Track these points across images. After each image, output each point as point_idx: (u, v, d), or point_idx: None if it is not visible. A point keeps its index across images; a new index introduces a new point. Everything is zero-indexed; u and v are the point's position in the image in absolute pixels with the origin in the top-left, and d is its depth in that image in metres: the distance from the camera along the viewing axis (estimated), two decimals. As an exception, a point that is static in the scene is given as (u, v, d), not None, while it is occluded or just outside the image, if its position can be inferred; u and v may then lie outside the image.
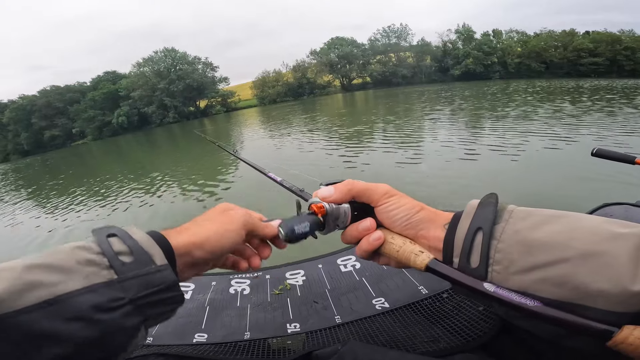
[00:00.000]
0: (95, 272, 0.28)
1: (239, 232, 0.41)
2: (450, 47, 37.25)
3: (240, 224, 0.41)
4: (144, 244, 0.32)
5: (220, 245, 0.39)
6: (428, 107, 13.15)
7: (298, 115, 18.05)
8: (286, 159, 7.14)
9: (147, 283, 0.30)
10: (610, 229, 0.29)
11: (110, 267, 0.29)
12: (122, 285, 0.29)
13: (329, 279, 0.74)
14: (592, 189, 3.54)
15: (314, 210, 0.41)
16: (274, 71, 40.25)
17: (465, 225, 0.35)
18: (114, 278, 0.29)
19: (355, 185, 0.41)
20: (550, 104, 10.81)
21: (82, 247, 0.30)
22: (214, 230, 0.39)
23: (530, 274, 0.30)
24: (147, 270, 0.30)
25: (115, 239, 0.32)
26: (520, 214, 0.34)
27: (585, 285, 0.27)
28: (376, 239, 0.40)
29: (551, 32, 34.53)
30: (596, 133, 6.25)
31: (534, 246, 0.31)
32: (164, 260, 0.32)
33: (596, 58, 30.51)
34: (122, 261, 0.30)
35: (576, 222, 0.31)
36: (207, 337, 0.60)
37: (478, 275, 0.33)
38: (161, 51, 35.73)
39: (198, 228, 0.39)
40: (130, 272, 0.30)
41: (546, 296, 0.29)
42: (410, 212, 0.40)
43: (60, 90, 36.19)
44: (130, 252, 0.31)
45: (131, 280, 0.29)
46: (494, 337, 0.48)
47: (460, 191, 3.96)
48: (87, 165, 14.21)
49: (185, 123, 32.05)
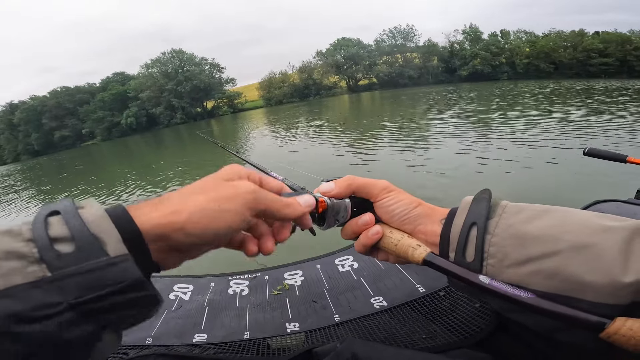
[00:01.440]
0: (17, 268, 0.21)
1: (242, 213, 0.30)
2: (458, 48, 36.98)
3: (244, 203, 0.31)
4: (93, 226, 0.24)
5: (211, 229, 0.29)
6: (435, 110, 13.08)
7: (304, 116, 18.09)
8: (290, 158, 7.17)
9: (95, 282, 0.22)
10: (601, 222, 0.29)
11: (41, 260, 0.22)
12: (57, 286, 0.22)
13: (327, 278, 0.75)
14: (584, 187, 3.58)
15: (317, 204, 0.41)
16: (280, 72, 40.49)
17: (460, 220, 0.36)
18: (46, 276, 0.22)
19: (355, 181, 0.42)
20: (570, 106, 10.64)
21: (9, 231, 0.23)
22: (202, 207, 0.29)
23: (523, 267, 0.31)
24: (94, 265, 0.22)
25: (57, 219, 0.24)
26: (513, 209, 0.34)
27: (576, 277, 0.28)
28: (375, 233, 0.41)
29: (560, 33, 34.06)
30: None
31: (527, 239, 0.31)
32: (121, 250, 0.24)
33: (606, 58, 30.01)
34: (59, 251, 0.22)
35: (567, 216, 0.32)
36: (207, 337, 0.61)
37: (473, 269, 0.33)
38: (169, 52, 36.26)
39: (181, 201, 0.29)
40: (68, 266, 0.22)
41: (539, 289, 0.30)
42: (408, 207, 0.40)
43: (70, 91, 36.88)
44: (72, 237, 0.23)
45: (70, 278, 0.22)
46: (491, 334, 0.48)
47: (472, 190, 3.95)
48: (99, 164, 14.43)
49: (193, 124, 32.32)
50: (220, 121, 29.06)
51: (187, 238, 0.28)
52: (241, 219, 0.31)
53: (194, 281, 0.80)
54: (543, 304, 0.28)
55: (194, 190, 0.30)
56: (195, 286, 0.79)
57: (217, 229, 0.29)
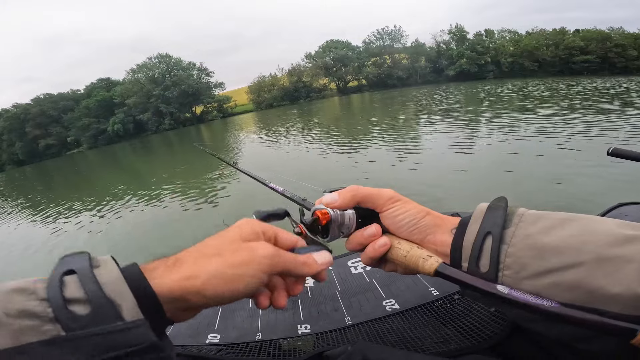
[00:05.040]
0: (31, 327, 0.21)
1: (259, 277, 0.31)
2: (444, 48, 37.63)
3: (262, 268, 0.31)
4: (109, 289, 0.24)
5: (228, 293, 0.29)
6: (424, 111, 13.19)
7: (296, 120, 18.06)
8: (287, 165, 7.12)
9: (109, 344, 0.22)
10: (624, 232, 0.29)
11: (56, 320, 0.22)
12: (71, 345, 0.22)
13: (340, 280, 0.75)
14: (608, 188, 3.48)
15: (319, 217, 0.40)
16: (270, 75, 40.48)
17: (474, 229, 0.35)
18: (60, 335, 0.22)
19: (360, 191, 0.40)
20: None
21: (22, 289, 0.23)
22: (220, 271, 0.29)
23: (542, 279, 0.30)
24: (109, 329, 0.23)
25: (72, 279, 0.24)
26: (530, 218, 0.33)
27: (600, 289, 0.27)
28: (382, 245, 0.39)
29: (542, 31, 34.97)
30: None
31: (546, 250, 0.30)
32: (136, 315, 0.24)
33: (587, 56, 30.89)
34: (74, 313, 0.23)
35: (588, 225, 0.30)
36: (220, 338, 0.61)
37: (488, 280, 0.32)
38: (155, 57, 35.89)
39: (198, 264, 0.29)
40: (83, 329, 0.22)
41: (559, 300, 0.29)
42: (416, 217, 0.39)
43: (53, 98, 36.15)
44: (88, 300, 0.23)
45: (85, 339, 0.22)
46: (506, 338, 0.47)
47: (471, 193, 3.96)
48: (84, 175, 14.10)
49: (182, 130, 32.05)
50: (210, 126, 28.85)
51: (204, 300, 0.29)
52: (258, 283, 0.31)
53: None
54: (568, 312, 0.27)
55: (210, 251, 0.30)
56: None
57: (234, 292, 0.30)
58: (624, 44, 29.99)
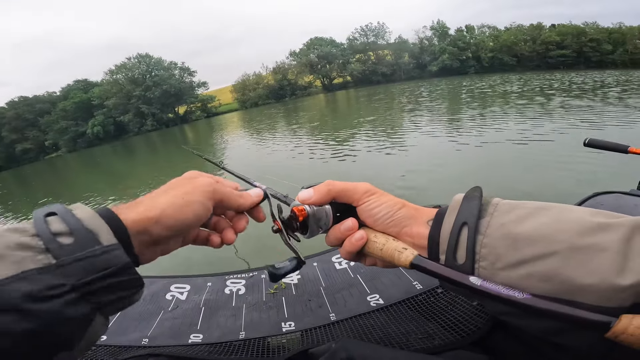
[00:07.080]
0: (28, 257, 0.25)
1: (204, 203, 0.36)
2: (427, 44, 38.07)
3: (205, 194, 0.37)
4: (87, 222, 0.28)
5: (181, 219, 0.34)
6: (409, 107, 13.33)
7: (281, 118, 17.93)
8: (272, 166, 7.05)
9: (92, 266, 0.26)
10: (597, 220, 0.28)
11: (47, 250, 0.26)
12: (61, 271, 0.25)
13: (324, 276, 0.74)
14: (584, 179, 3.56)
15: (296, 213, 0.40)
16: (254, 74, 40.08)
17: (450, 220, 0.34)
18: (52, 263, 0.25)
19: (335, 186, 0.40)
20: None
21: (14, 229, 0.27)
22: (171, 201, 0.34)
23: (516, 269, 0.29)
24: (92, 252, 0.27)
25: (55, 218, 0.28)
26: (505, 207, 0.33)
27: (573, 279, 0.26)
28: (359, 238, 0.39)
29: (520, 26, 35.85)
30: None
31: (519, 240, 0.30)
32: (112, 240, 0.28)
33: (563, 50, 31.86)
34: (61, 243, 0.26)
35: (562, 213, 0.30)
36: (203, 338, 0.60)
37: (464, 272, 0.32)
38: (134, 57, 34.91)
39: (153, 200, 0.34)
40: (70, 255, 0.26)
41: (535, 292, 0.28)
42: (392, 210, 0.39)
43: (29, 101, 34.73)
44: (71, 232, 0.27)
45: (72, 264, 0.26)
46: (489, 332, 0.47)
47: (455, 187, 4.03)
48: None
49: (165, 130, 31.34)
50: (195, 126, 28.27)
51: (163, 230, 0.33)
52: (204, 208, 0.36)
53: (191, 281, 0.80)
54: (540, 303, 0.27)
55: (162, 190, 0.36)
56: (192, 286, 0.78)
57: (186, 219, 0.35)
58: (598, 39, 31.03)
